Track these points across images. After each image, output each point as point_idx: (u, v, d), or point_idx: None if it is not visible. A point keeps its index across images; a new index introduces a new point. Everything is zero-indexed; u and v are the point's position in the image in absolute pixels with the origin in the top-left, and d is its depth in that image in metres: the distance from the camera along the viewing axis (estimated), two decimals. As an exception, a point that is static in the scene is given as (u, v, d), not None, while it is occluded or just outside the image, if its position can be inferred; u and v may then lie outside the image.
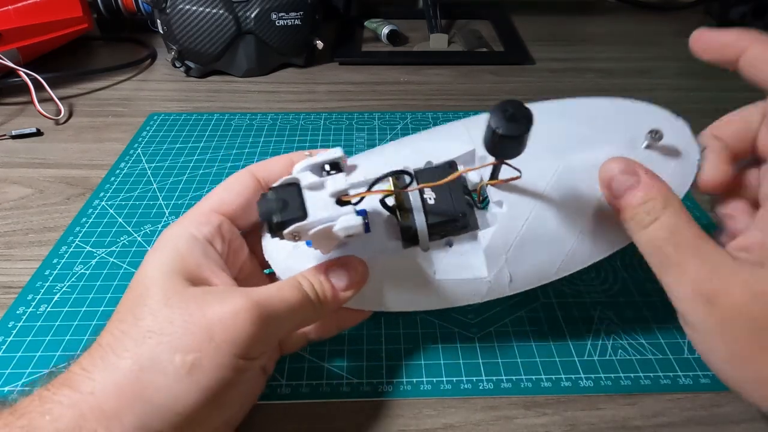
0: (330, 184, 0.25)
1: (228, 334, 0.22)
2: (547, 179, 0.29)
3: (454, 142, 0.31)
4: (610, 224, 0.28)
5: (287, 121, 0.56)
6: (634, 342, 0.33)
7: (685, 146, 0.29)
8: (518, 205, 0.29)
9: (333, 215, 0.24)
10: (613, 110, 0.32)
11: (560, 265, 0.29)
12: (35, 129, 0.53)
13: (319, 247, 0.27)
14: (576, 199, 0.28)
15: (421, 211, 0.29)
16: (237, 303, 0.23)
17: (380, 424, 0.29)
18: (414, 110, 0.58)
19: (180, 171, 0.48)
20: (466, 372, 0.31)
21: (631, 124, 0.30)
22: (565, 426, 0.29)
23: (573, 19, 0.85)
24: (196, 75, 0.65)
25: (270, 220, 0.24)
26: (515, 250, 0.29)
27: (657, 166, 0.27)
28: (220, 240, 0.27)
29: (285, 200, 0.25)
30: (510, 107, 0.23)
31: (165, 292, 0.23)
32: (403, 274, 0.29)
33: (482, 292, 0.29)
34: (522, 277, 0.29)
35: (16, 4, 0.59)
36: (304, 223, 0.24)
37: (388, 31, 0.73)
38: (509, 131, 0.23)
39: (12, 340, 0.33)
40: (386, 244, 0.29)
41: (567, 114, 0.32)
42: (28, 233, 0.42)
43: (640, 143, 0.29)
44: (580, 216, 0.28)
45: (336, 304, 0.27)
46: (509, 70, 0.68)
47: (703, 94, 0.62)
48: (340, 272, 0.27)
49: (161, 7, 0.60)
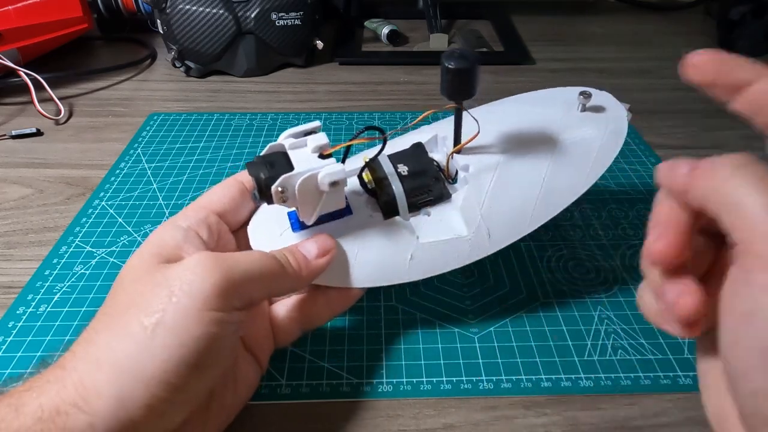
0: (311, 141, 0.28)
1: (187, 287, 0.22)
2: (504, 138, 0.33)
3: (418, 135, 0.35)
4: (570, 170, 0.33)
5: (287, 121, 0.56)
6: (634, 342, 0.33)
7: (612, 104, 0.36)
8: (483, 163, 0.32)
9: (317, 166, 0.27)
10: (551, 93, 0.38)
11: (532, 213, 0.32)
12: (35, 129, 0.53)
13: (304, 208, 0.28)
14: (533, 149, 0.33)
15: (395, 177, 0.31)
16: (195, 257, 0.24)
17: (380, 424, 0.29)
18: (414, 110, 0.58)
19: (180, 171, 0.48)
20: (466, 372, 0.31)
21: (566, 97, 0.36)
22: (565, 426, 0.29)
23: (573, 19, 0.85)
24: (196, 75, 0.65)
25: (258, 176, 0.26)
26: (488, 204, 0.31)
27: (593, 120, 0.34)
28: (206, 229, 0.28)
29: (272, 162, 0.27)
30: (457, 50, 0.28)
31: (138, 270, 0.24)
32: (387, 244, 0.30)
33: (465, 252, 0.31)
34: (499, 229, 0.31)
35: (16, 4, 0.59)
36: (290, 174, 0.26)
37: (388, 31, 0.73)
38: (459, 64, 0.28)
39: (12, 340, 0.33)
40: (367, 219, 0.31)
41: (513, 100, 0.38)
42: (28, 233, 0.42)
43: (575, 108, 0.35)
44: (541, 164, 0.32)
45: (309, 271, 0.28)
46: (509, 70, 0.68)
47: (703, 94, 0.62)
48: (308, 243, 0.28)
49: (161, 7, 0.60)
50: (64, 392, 0.21)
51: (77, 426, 0.20)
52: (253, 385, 0.29)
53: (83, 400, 0.21)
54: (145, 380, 0.21)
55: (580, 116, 0.35)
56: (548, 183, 0.32)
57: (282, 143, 0.28)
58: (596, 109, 0.35)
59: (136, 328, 0.22)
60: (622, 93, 0.37)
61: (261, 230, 0.31)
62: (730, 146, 0.30)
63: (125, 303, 0.23)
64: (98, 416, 0.20)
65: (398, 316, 0.35)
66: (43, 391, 0.21)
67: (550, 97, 0.38)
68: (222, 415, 0.27)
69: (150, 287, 0.23)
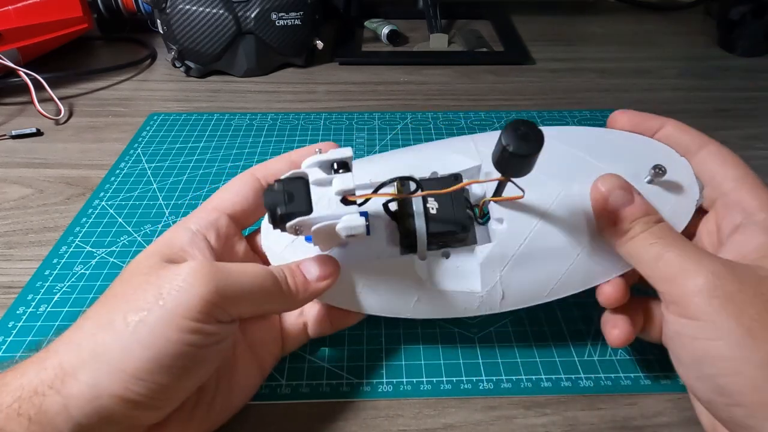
0: (337, 183, 0.25)
1: (175, 293, 0.23)
2: (548, 203, 0.29)
3: (461, 156, 0.31)
4: (605, 254, 0.29)
5: (287, 121, 0.56)
6: (635, 342, 0.33)
7: (687, 183, 0.30)
8: (518, 224, 0.29)
9: (337, 213, 0.24)
10: (620, 143, 0.32)
11: (553, 287, 0.29)
12: (35, 129, 0.53)
13: (318, 243, 0.27)
14: (574, 225, 0.29)
15: (422, 217, 0.29)
16: (191, 265, 0.24)
17: (380, 424, 0.29)
18: (414, 110, 0.58)
19: (180, 171, 0.48)
20: (466, 372, 0.31)
21: (636, 158, 0.30)
22: (565, 426, 0.29)
23: (573, 19, 0.85)
24: (196, 75, 0.65)
25: (274, 210, 0.25)
26: (510, 269, 0.29)
27: (659, 200, 0.28)
28: (214, 232, 0.28)
29: (291, 193, 0.25)
30: (523, 126, 0.23)
31: (140, 266, 0.25)
32: (397, 280, 0.29)
33: (474, 306, 0.30)
34: (514, 295, 0.29)
35: (16, 4, 0.59)
36: (307, 218, 0.24)
37: (388, 31, 0.73)
38: (520, 150, 0.23)
39: (12, 340, 0.33)
40: (384, 248, 0.29)
41: (574, 141, 0.32)
42: (28, 233, 0.42)
43: (643, 177, 0.30)
44: (577, 242, 0.29)
45: (307, 294, 0.27)
46: (509, 70, 0.67)
47: (703, 94, 0.62)
48: (312, 264, 0.27)
49: (161, 7, 0.60)
50: (44, 373, 0.21)
51: (52, 408, 0.21)
52: (250, 391, 0.29)
53: (60, 382, 0.21)
54: (121, 373, 0.21)
55: (645, 189, 0.29)
56: (579, 262, 0.29)
57: (306, 171, 0.25)
58: (667, 186, 0.30)
59: (120, 323, 0.22)
60: (622, 93, 0.37)
61: (274, 233, 0.30)
62: (730, 146, 0.30)
63: (118, 295, 0.24)
64: (72, 400, 0.21)
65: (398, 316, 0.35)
66: (25, 371, 0.22)
67: (619, 150, 0.32)
68: (209, 419, 0.27)
69: (143, 285, 0.23)
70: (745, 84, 0.64)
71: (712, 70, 0.68)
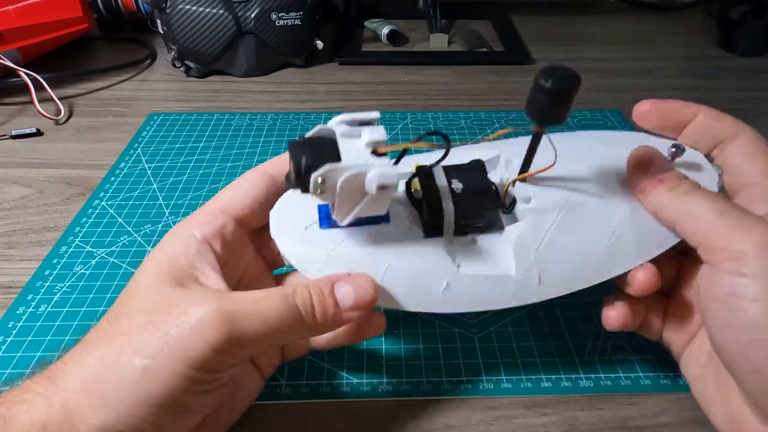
0: (367, 134, 0.23)
1: (183, 345, 0.22)
2: (577, 174, 0.28)
3: (479, 150, 0.30)
4: (645, 228, 0.27)
5: (287, 121, 0.56)
6: (634, 342, 0.33)
7: (705, 165, 0.29)
8: (548, 198, 0.27)
9: (368, 164, 0.23)
10: (634, 136, 0.32)
11: (593, 267, 0.27)
12: (35, 129, 0.53)
13: (342, 206, 0.24)
14: (609, 194, 0.28)
15: (448, 193, 0.27)
16: (202, 312, 0.22)
17: (380, 424, 0.29)
18: (414, 110, 0.58)
19: (180, 171, 0.48)
20: (466, 372, 0.31)
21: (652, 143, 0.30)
22: (565, 426, 0.29)
23: (573, 19, 0.85)
24: (196, 75, 0.65)
25: (299, 161, 0.23)
26: (545, 247, 0.27)
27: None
28: (220, 241, 0.26)
29: (319, 146, 0.23)
30: (558, 68, 0.23)
31: (147, 296, 0.24)
32: (422, 265, 0.26)
33: (508, 295, 0.27)
34: (551, 278, 0.27)
35: (16, 4, 0.59)
36: (337, 166, 0.22)
37: (388, 31, 0.73)
38: (561, 83, 0.23)
39: (12, 340, 0.33)
40: (405, 232, 0.27)
41: (589, 137, 0.32)
42: (28, 233, 0.42)
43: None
44: (614, 214, 0.27)
45: (336, 324, 0.25)
46: (509, 69, 0.67)
47: (703, 95, 0.62)
48: (347, 290, 0.24)
49: (161, 7, 0.60)
50: (52, 411, 0.21)
51: None
52: (251, 398, 0.29)
53: (69, 424, 0.21)
54: (127, 417, 0.21)
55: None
56: (618, 237, 0.27)
57: (333, 128, 0.24)
58: (688, 166, 0.29)
59: (126, 367, 0.21)
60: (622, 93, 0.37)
61: (284, 219, 0.28)
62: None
63: (123, 330, 0.23)
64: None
65: (398, 316, 0.35)
66: (33, 405, 0.21)
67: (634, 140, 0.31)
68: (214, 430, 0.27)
69: (149, 327, 0.22)
70: (745, 84, 0.64)
71: (712, 70, 0.68)
